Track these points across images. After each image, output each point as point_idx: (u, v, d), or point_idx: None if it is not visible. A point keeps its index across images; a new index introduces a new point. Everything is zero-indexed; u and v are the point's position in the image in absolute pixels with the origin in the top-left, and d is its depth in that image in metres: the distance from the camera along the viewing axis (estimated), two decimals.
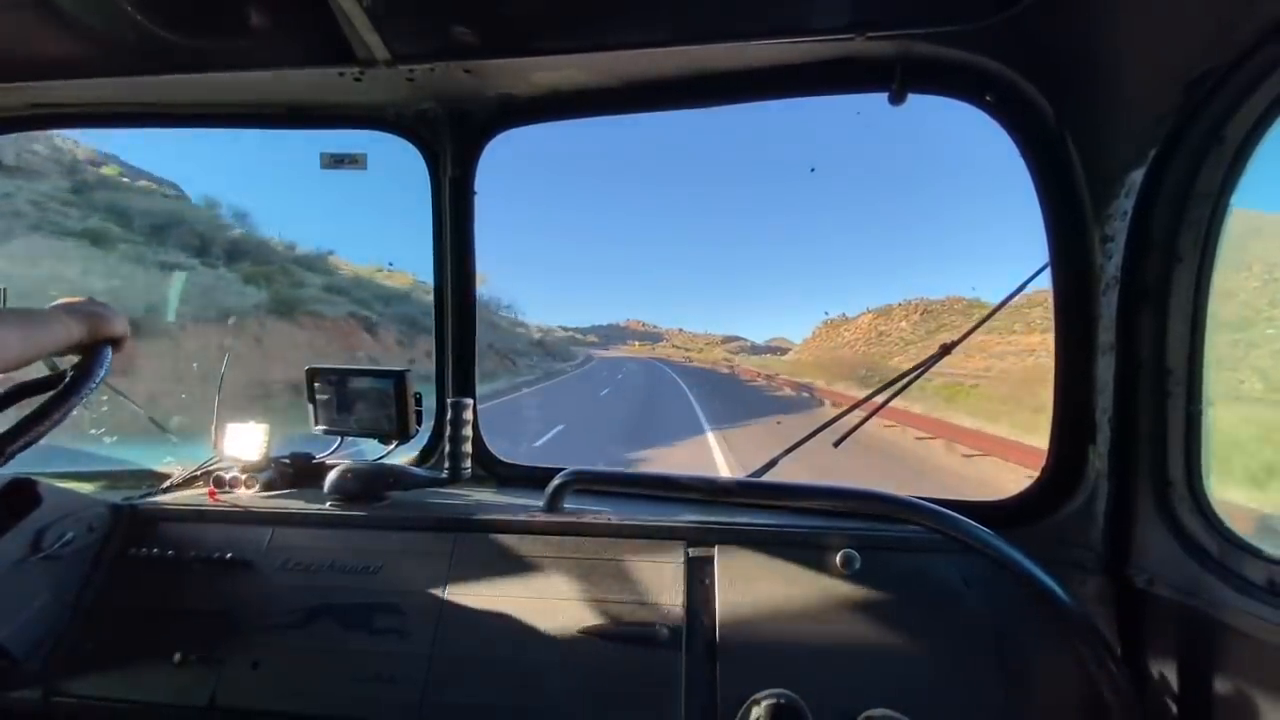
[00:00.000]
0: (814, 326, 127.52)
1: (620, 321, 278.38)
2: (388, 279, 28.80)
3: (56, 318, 1.07)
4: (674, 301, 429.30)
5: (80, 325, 1.10)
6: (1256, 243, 1.41)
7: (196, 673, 1.28)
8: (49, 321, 1.05)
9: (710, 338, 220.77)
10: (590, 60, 1.42)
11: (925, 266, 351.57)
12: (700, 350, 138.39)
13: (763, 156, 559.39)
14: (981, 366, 25.40)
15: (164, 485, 1.70)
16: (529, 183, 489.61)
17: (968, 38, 1.23)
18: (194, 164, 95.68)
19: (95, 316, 1.13)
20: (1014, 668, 1.17)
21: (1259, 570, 0.98)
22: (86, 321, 1.11)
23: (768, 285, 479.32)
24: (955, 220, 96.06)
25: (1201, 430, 1.09)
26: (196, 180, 67.18)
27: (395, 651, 1.27)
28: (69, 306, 1.12)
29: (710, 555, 1.32)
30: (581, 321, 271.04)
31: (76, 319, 1.10)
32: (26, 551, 1.28)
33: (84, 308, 1.13)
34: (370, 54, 1.35)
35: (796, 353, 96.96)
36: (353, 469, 1.57)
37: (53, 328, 1.05)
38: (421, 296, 24.39)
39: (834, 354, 74.79)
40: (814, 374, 33.61)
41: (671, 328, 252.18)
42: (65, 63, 1.45)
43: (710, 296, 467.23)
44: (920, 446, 11.84)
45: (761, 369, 42.61)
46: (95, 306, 1.15)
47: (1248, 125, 0.97)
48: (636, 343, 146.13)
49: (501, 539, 1.40)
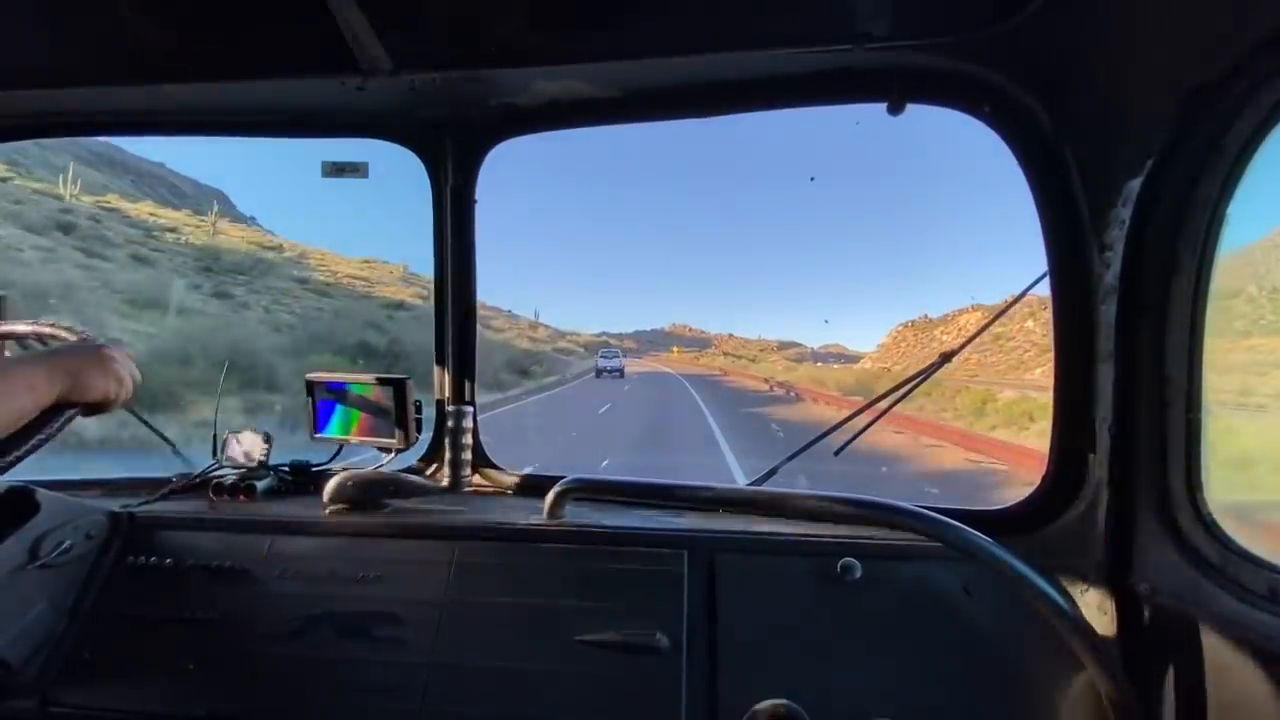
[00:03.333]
0: (890, 330, 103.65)
1: (665, 326, 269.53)
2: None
3: (25, 378, 0.92)
4: (723, 306, 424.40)
5: (53, 386, 0.95)
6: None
7: (195, 682, 1.27)
8: (15, 383, 0.91)
9: (764, 344, 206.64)
10: (591, 70, 1.43)
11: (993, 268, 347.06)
12: (754, 358, 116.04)
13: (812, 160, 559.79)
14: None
15: (163, 493, 1.69)
16: (564, 189, 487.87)
17: (965, 49, 1.24)
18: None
19: (74, 376, 0.97)
20: (1015, 677, 1.16)
21: (1260, 579, 0.98)
22: (63, 381, 0.96)
23: (810, 287, 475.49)
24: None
25: (1201, 439, 1.09)
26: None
27: (395, 661, 1.26)
28: (53, 359, 0.99)
29: (711, 564, 1.32)
30: (625, 327, 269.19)
31: (54, 378, 0.95)
32: (24, 559, 1.27)
33: (70, 363, 0.99)
34: (373, 63, 1.36)
35: (872, 360, 78.06)
36: (352, 477, 1.57)
37: (17, 394, 0.90)
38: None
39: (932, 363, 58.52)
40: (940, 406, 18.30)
41: (720, 333, 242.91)
42: (68, 71, 1.46)
43: (763, 301, 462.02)
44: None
45: (841, 396, 21.63)
46: (84, 363, 1.00)
47: (1245, 135, 0.98)
48: (678, 349, 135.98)
49: (502, 547, 1.40)
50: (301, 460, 1.79)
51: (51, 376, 0.95)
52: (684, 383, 35.82)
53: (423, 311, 34.56)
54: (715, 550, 1.33)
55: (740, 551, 1.34)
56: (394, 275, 43.54)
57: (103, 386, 1.01)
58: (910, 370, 2.04)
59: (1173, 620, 1.09)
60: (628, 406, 22.04)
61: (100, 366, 1.01)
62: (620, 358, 42.73)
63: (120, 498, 1.65)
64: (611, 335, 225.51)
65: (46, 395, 0.94)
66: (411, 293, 39.65)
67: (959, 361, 1.93)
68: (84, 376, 0.99)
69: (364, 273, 41.47)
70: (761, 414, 19.82)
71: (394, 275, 43.54)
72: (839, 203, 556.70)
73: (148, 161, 53.72)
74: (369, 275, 41.08)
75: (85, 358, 1.01)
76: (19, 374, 0.94)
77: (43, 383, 0.94)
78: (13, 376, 0.93)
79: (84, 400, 1.00)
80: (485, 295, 1.85)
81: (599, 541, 1.38)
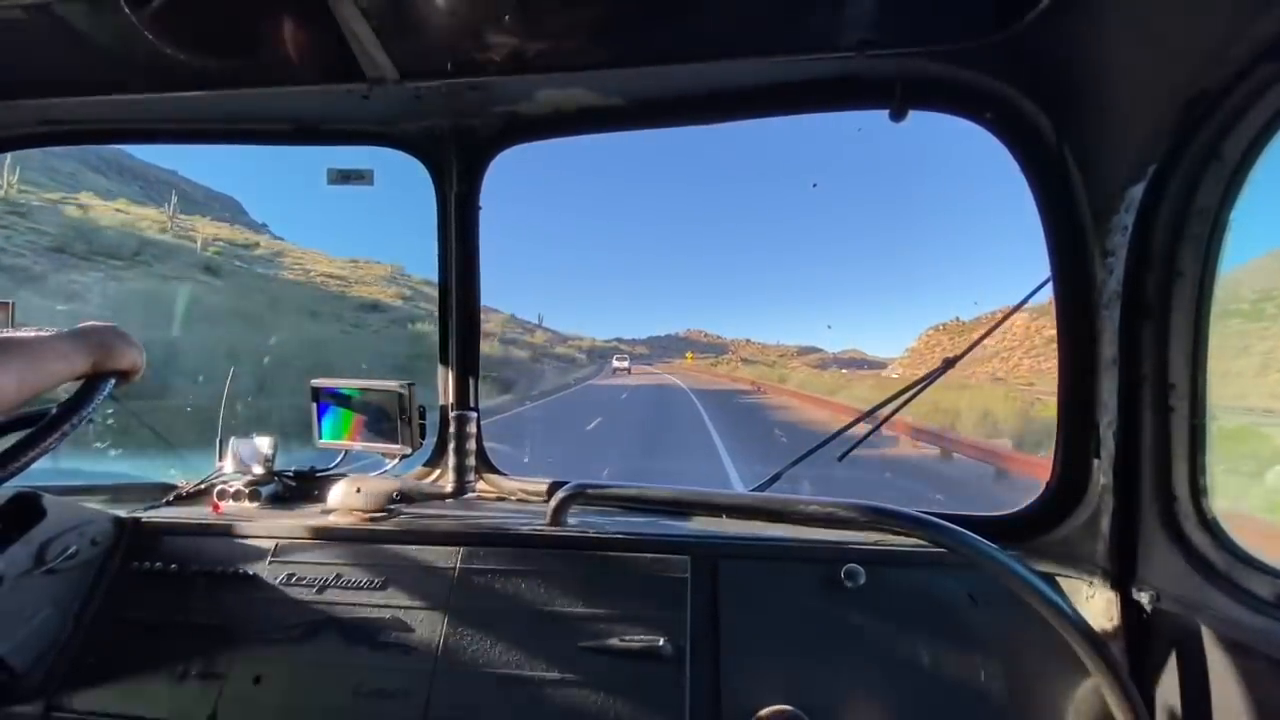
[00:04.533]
0: (921, 333, 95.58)
1: (680, 332, 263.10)
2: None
3: (58, 350, 1.00)
4: (739, 311, 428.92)
5: (85, 356, 1.04)
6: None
7: (198, 688, 1.28)
8: (47, 354, 0.99)
9: (783, 349, 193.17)
10: (594, 78, 1.44)
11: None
12: (772, 363, 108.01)
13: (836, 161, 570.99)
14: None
15: (168, 499, 1.70)
16: (579, 191, 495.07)
17: (968, 56, 1.25)
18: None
19: (104, 347, 1.06)
20: (1020, 683, 1.16)
21: (1265, 585, 0.98)
22: (94, 352, 1.05)
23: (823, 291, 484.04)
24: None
25: (1205, 444, 1.09)
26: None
27: (399, 667, 1.26)
28: (78, 333, 1.06)
29: (714, 569, 1.32)
30: (639, 332, 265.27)
31: (82, 349, 1.03)
32: (30, 565, 1.28)
33: (94, 335, 1.07)
34: (378, 72, 1.37)
35: (900, 366, 69.01)
36: (356, 483, 1.57)
37: (52, 362, 0.99)
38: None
39: (978, 370, 47.60)
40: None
41: (737, 338, 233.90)
42: (75, 80, 1.48)
43: (780, 305, 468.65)
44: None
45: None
46: (107, 335, 1.08)
47: (1245, 142, 0.98)
48: (691, 354, 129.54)
49: (505, 553, 1.40)
50: (305, 466, 1.79)
51: (82, 346, 1.03)
52: (697, 408, 23.69)
53: (400, 314, 33.06)
54: (719, 556, 1.33)
55: (744, 557, 1.33)
56: (377, 275, 42.16)
57: (130, 354, 1.10)
58: (970, 380, 1.97)
59: (1179, 626, 1.09)
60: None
61: (123, 337, 1.10)
62: (629, 361, 70.35)
63: (126, 503, 1.66)
64: (625, 341, 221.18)
65: (81, 363, 1.03)
66: (394, 292, 38.18)
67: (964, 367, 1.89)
68: (112, 345, 1.07)
69: (344, 271, 40.35)
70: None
71: (377, 275, 42.16)
72: (850, 204, 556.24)
73: (160, 169, 53.94)
74: (349, 274, 39.85)
75: (99, 332, 1.08)
76: (50, 346, 1.00)
77: (74, 352, 1.02)
78: (44, 348, 0.99)
79: (116, 368, 1.08)
80: (497, 300, 1.81)
81: (603, 547, 1.38)
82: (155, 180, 49.20)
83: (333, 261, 41.92)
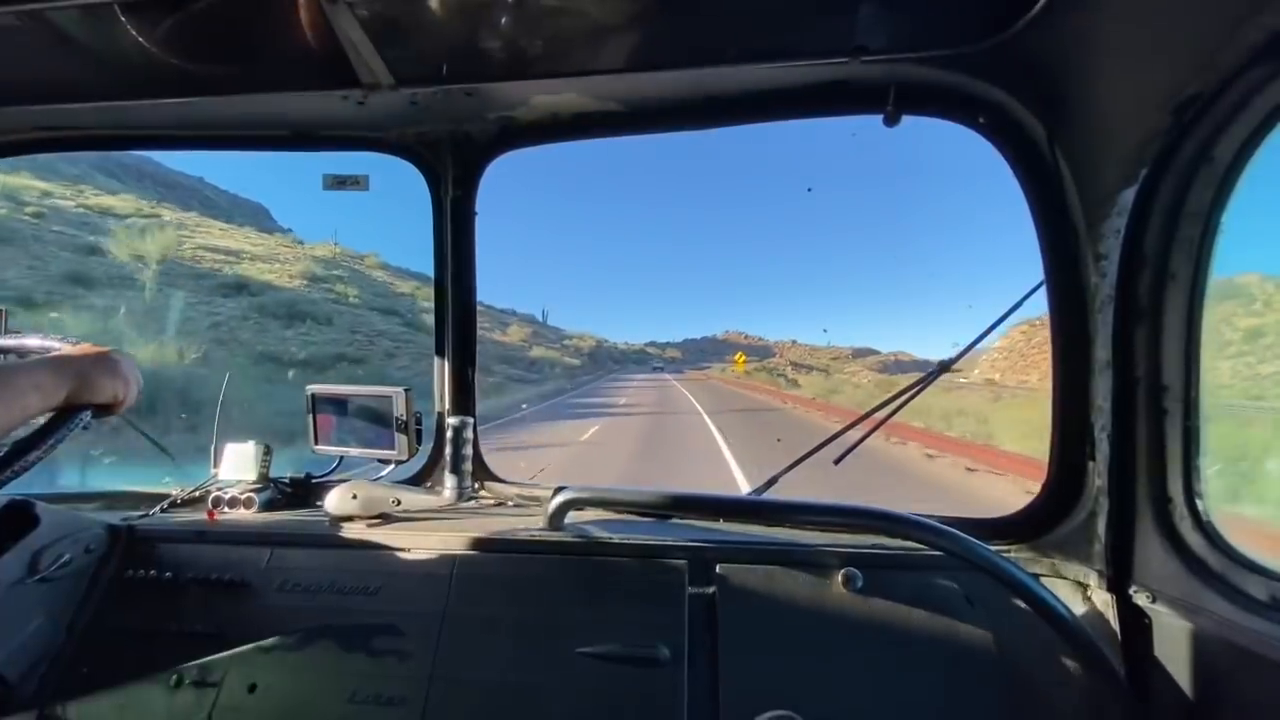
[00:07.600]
0: (1006, 330, 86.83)
1: (717, 334, 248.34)
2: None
3: (33, 379, 0.93)
4: (784, 311, 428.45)
5: (61, 386, 0.96)
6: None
7: (193, 695, 1.27)
8: (21, 385, 0.91)
9: (836, 351, 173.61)
10: (589, 83, 1.44)
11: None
12: (825, 367, 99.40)
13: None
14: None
15: (162, 506, 1.69)
16: (589, 193, 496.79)
17: (960, 61, 1.26)
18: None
19: (81, 378, 0.98)
20: (1017, 686, 1.16)
21: (1261, 586, 0.98)
22: (70, 383, 0.97)
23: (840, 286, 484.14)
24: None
25: (1199, 446, 1.10)
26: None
27: (394, 673, 1.25)
28: (58, 362, 0.99)
29: (712, 573, 1.31)
30: (674, 335, 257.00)
31: (59, 380, 0.96)
32: (23, 573, 1.27)
33: (74, 365, 0.99)
34: (374, 77, 1.37)
35: (990, 370, 64.30)
36: (352, 489, 1.57)
37: (25, 395, 0.91)
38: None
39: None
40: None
41: (782, 340, 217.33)
42: (70, 86, 1.48)
43: (827, 304, 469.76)
44: None
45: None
46: (86, 366, 1.00)
47: (1235, 146, 0.99)
48: (743, 355, 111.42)
49: (502, 558, 1.39)
50: (300, 472, 1.79)
51: (58, 377, 0.96)
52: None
53: (281, 299, 26.12)
54: (716, 560, 1.33)
55: (741, 561, 1.33)
56: (317, 256, 34.79)
57: (111, 387, 1.02)
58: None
59: (1175, 628, 1.09)
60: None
61: (107, 368, 1.02)
62: (664, 368, 78.82)
63: (120, 510, 1.65)
64: (658, 344, 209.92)
65: (54, 396, 0.95)
66: (299, 269, 30.85)
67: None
68: (91, 378, 1.00)
69: (244, 246, 32.40)
70: None
71: (317, 256, 34.79)
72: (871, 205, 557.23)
73: (185, 175, 52.79)
74: (252, 250, 31.91)
75: (91, 360, 1.02)
76: (26, 375, 0.94)
77: (50, 383, 0.95)
78: (19, 378, 0.93)
79: (93, 401, 1.01)
80: (514, 300, 1.77)
81: (600, 552, 1.38)
82: (177, 185, 48.03)
83: (235, 235, 34.35)
